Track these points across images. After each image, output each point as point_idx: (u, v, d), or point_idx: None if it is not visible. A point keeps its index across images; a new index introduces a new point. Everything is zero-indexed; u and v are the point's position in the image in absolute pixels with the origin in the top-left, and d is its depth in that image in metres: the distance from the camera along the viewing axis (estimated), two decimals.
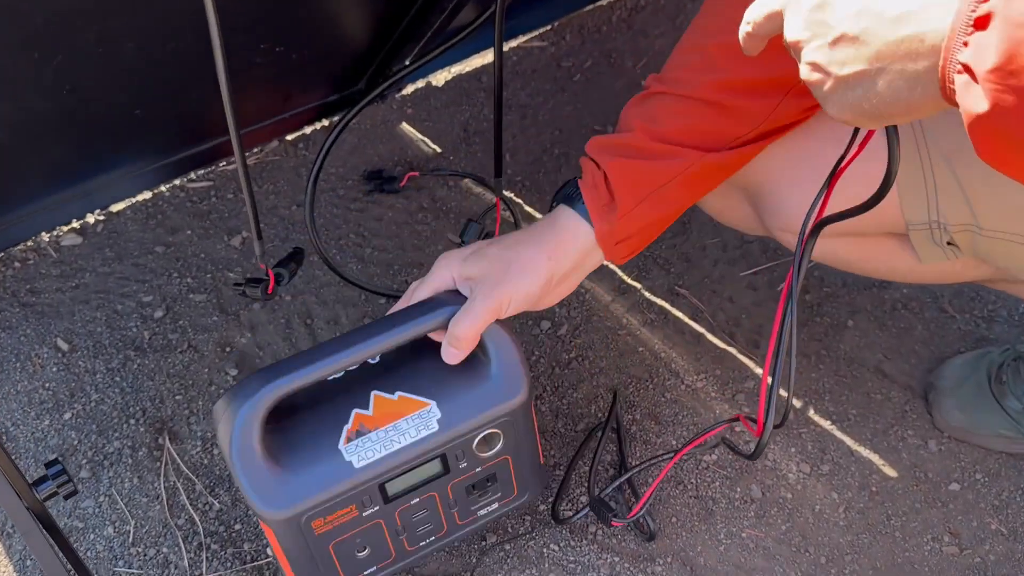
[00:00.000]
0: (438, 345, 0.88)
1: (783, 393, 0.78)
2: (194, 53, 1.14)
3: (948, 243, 0.87)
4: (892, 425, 1.13)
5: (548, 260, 0.83)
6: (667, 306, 1.28)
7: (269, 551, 1.02)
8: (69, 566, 0.84)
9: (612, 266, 1.33)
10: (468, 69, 1.70)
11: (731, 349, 1.22)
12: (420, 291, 0.87)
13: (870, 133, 0.63)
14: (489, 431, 0.89)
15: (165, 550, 1.03)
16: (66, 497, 0.82)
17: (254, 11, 1.16)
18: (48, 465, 0.83)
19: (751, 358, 1.21)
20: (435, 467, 0.89)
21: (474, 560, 1.01)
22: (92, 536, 1.04)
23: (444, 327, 0.85)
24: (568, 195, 0.86)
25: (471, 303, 0.83)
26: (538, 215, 1.41)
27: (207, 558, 1.02)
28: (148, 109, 1.22)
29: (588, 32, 1.77)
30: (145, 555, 1.02)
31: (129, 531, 1.05)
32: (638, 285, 1.31)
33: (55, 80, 1.00)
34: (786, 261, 1.33)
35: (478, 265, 0.84)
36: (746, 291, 1.29)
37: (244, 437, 0.80)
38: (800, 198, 0.88)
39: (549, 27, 1.78)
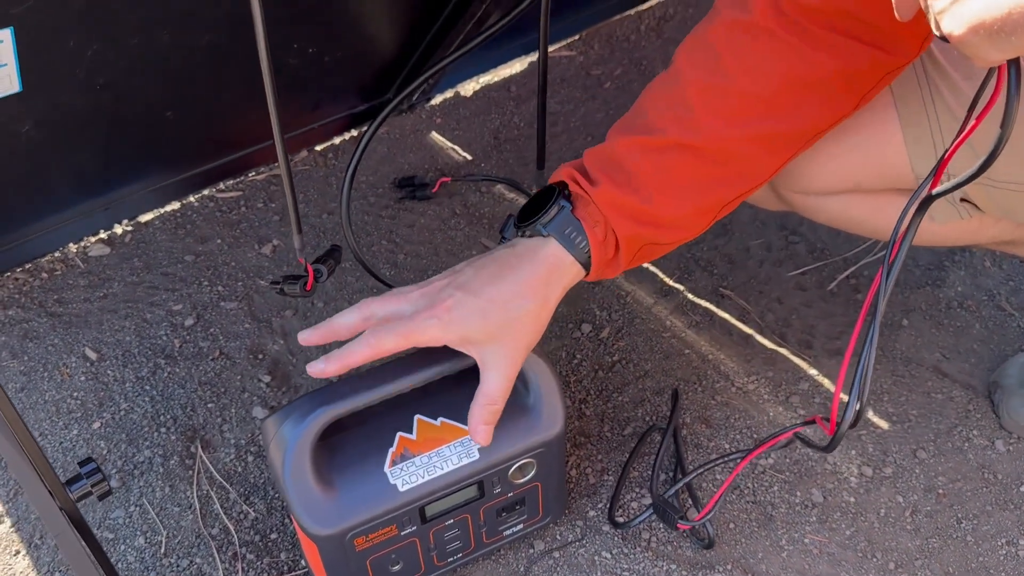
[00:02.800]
0: (477, 373, 0.87)
1: (844, 397, 0.74)
2: (230, 51, 1.12)
3: (961, 199, 0.85)
4: (956, 425, 1.08)
5: (543, 305, 0.78)
6: (712, 307, 1.24)
7: (303, 562, 0.97)
8: (102, 571, 0.80)
9: (653, 268, 1.29)
10: (496, 80, 1.67)
11: (782, 350, 1.17)
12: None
13: (999, 80, 0.57)
14: (524, 461, 0.87)
15: (199, 560, 0.98)
16: (100, 498, 0.78)
17: (289, 10, 1.15)
18: (82, 464, 0.79)
19: (804, 359, 1.16)
20: (471, 492, 0.88)
21: (522, 568, 0.96)
22: (123, 547, 1.00)
23: None
24: (562, 230, 0.77)
25: (491, 383, 0.79)
26: None
27: (243, 568, 0.97)
28: (180, 111, 1.20)
29: (617, 41, 1.75)
30: (178, 566, 0.98)
31: (161, 541, 1.00)
32: (681, 287, 1.27)
33: (88, 73, 0.97)
34: (834, 260, 1.28)
35: (474, 327, 0.77)
36: (794, 292, 1.25)
37: (297, 458, 0.80)
38: (815, 158, 0.86)
39: (577, 37, 1.76)
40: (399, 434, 0.86)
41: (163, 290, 1.30)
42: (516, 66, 1.70)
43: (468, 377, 0.90)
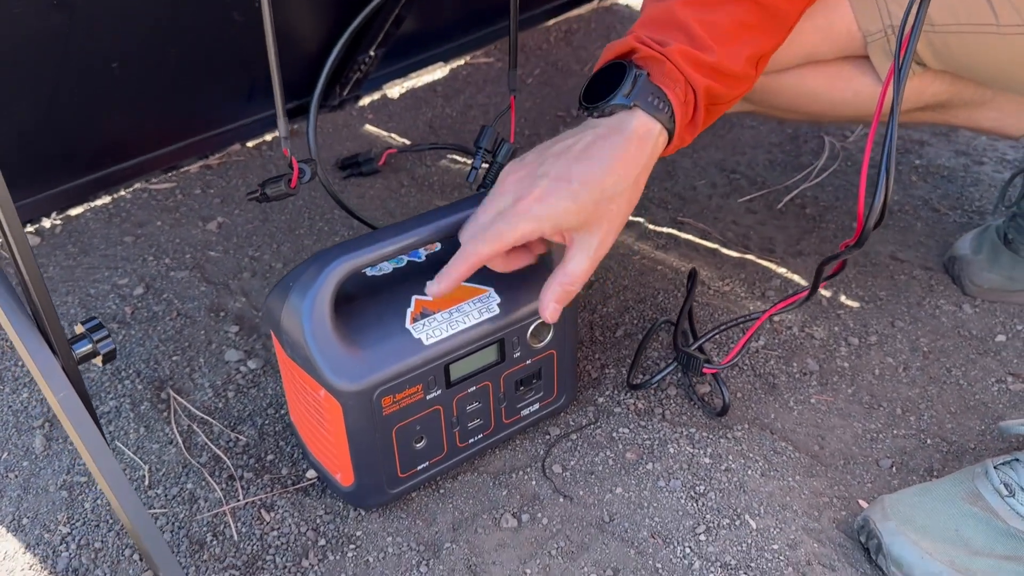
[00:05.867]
0: None
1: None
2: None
3: None
4: (924, 298, 1.13)
5: (635, 185, 0.76)
6: (674, 232, 1.27)
7: (309, 473, 0.90)
8: (102, 433, 0.72)
9: None
10: (420, 84, 1.71)
11: (749, 256, 1.21)
12: (507, 235, 0.75)
13: None
14: (541, 320, 0.86)
15: (190, 486, 0.89)
16: (105, 360, 0.72)
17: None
18: (85, 322, 0.72)
19: (771, 261, 1.20)
20: (492, 354, 0.86)
21: (542, 452, 0.92)
22: (97, 487, 0.90)
23: None
24: (644, 97, 0.76)
25: (575, 264, 0.76)
26: None
27: (242, 487, 0.89)
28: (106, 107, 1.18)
29: (531, 49, 1.83)
30: (167, 495, 0.89)
31: (144, 475, 0.91)
32: (640, 219, 1.29)
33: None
34: (776, 188, 1.35)
35: (567, 215, 0.74)
36: (746, 215, 1.30)
37: (317, 311, 0.76)
38: None
39: (493, 45, 1.83)
40: (414, 297, 0.83)
41: (104, 268, 1.22)
42: (437, 72, 1.75)
43: None
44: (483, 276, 0.86)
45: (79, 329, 0.72)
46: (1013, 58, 0.92)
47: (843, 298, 1.13)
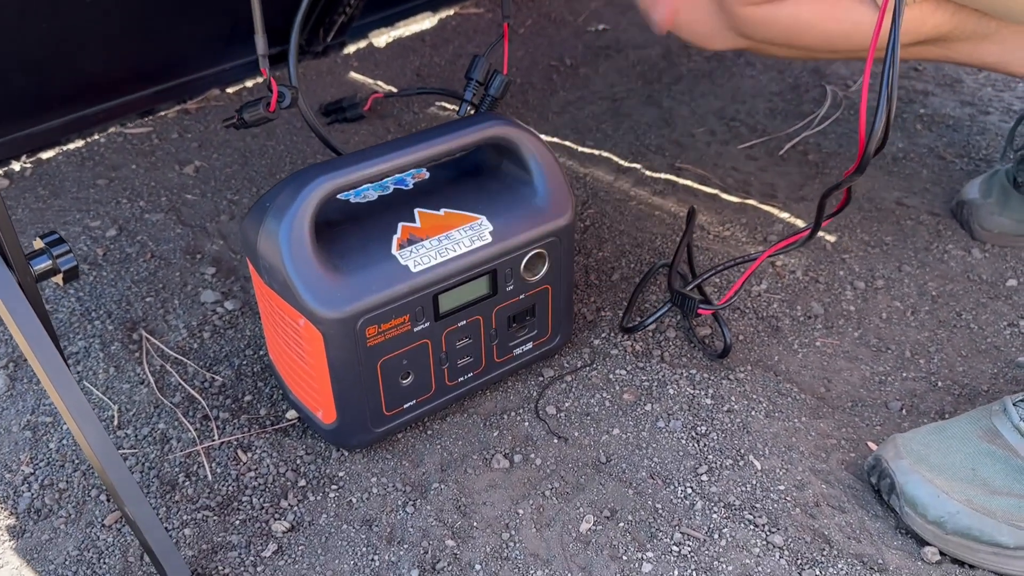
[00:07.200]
0: (476, 168, 0.85)
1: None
2: None
3: None
4: (931, 243, 1.08)
5: None
6: (673, 178, 1.22)
7: (290, 413, 0.85)
8: (62, 355, 0.67)
9: (605, 152, 1.27)
10: (407, 33, 1.65)
11: (750, 201, 1.16)
12: None
13: None
14: (536, 251, 0.81)
15: (162, 426, 0.84)
16: (66, 278, 0.66)
17: None
18: (45, 236, 0.66)
19: (772, 206, 1.15)
20: (484, 286, 0.81)
21: (535, 393, 0.88)
22: (64, 427, 0.85)
23: (489, 140, 0.80)
24: None
25: None
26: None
27: (217, 427, 0.84)
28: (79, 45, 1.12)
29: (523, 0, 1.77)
30: (137, 435, 0.84)
31: (113, 416, 0.86)
32: (636, 166, 1.24)
33: None
34: (777, 136, 1.30)
35: None
36: (747, 161, 1.25)
37: (296, 233, 0.71)
38: None
39: None
40: (401, 224, 0.78)
41: (76, 211, 1.16)
42: (425, 22, 1.69)
43: (465, 177, 0.84)
44: (475, 203, 0.81)
45: (37, 244, 0.66)
46: None
47: (848, 241, 1.09)
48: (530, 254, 0.82)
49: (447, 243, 0.77)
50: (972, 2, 0.93)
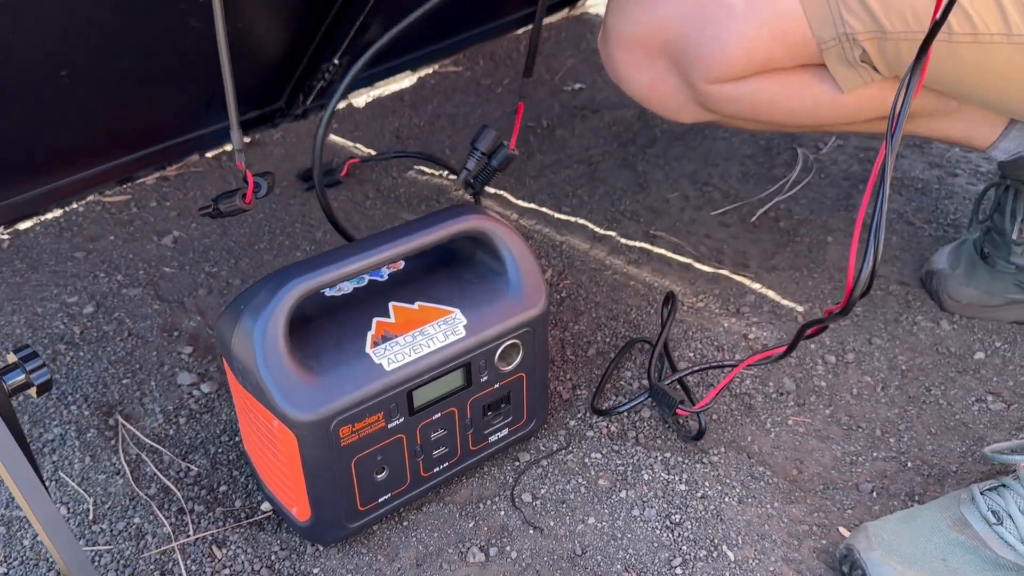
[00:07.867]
0: (450, 257, 0.85)
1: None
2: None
3: (861, 60, 0.90)
4: (900, 314, 1.10)
5: None
6: (647, 246, 1.23)
7: (264, 506, 0.85)
8: (37, 470, 0.67)
9: (581, 219, 1.29)
10: (387, 93, 1.67)
11: (722, 271, 1.18)
12: None
13: None
14: (510, 342, 0.82)
15: (137, 520, 0.84)
16: (40, 391, 0.67)
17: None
18: (18, 350, 0.67)
19: (745, 276, 1.17)
20: (458, 379, 0.82)
21: (511, 480, 0.88)
22: None
23: (465, 233, 0.81)
24: None
25: None
26: (492, 196, 1.35)
27: (192, 521, 0.84)
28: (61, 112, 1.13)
29: (500, 58, 1.79)
30: (112, 530, 0.84)
31: (88, 509, 0.86)
32: (612, 233, 1.26)
33: None
34: (749, 201, 1.32)
35: None
36: (719, 228, 1.27)
37: (270, 336, 0.72)
38: (726, 42, 0.90)
39: (461, 54, 1.79)
40: (375, 319, 0.79)
41: (53, 286, 1.17)
42: (405, 81, 1.71)
43: (440, 268, 0.85)
44: (449, 295, 0.82)
45: (11, 358, 0.66)
46: (974, 66, 0.90)
47: (818, 313, 1.10)
48: (504, 345, 0.83)
49: (421, 339, 0.78)
50: (933, 83, 0.96)
